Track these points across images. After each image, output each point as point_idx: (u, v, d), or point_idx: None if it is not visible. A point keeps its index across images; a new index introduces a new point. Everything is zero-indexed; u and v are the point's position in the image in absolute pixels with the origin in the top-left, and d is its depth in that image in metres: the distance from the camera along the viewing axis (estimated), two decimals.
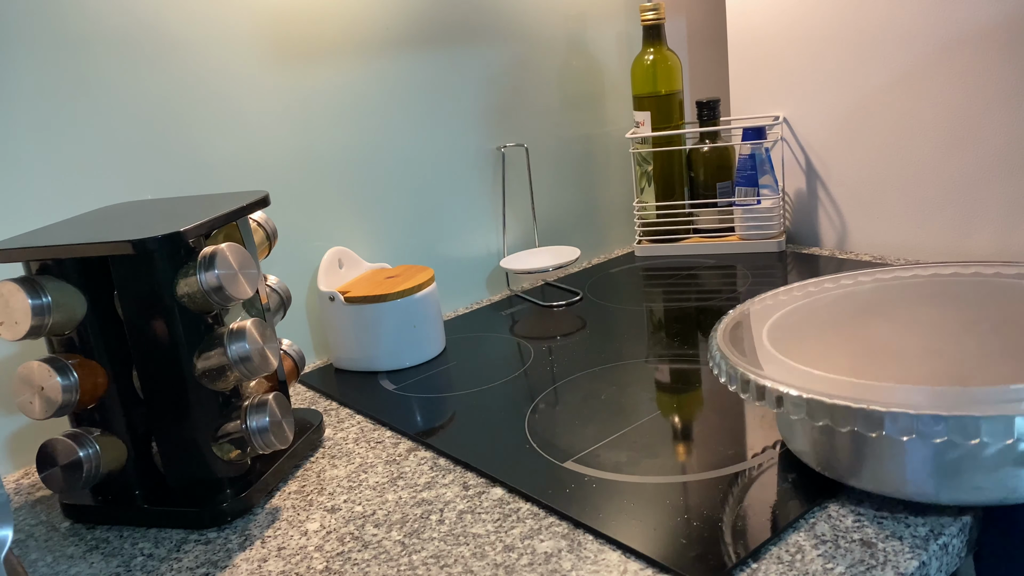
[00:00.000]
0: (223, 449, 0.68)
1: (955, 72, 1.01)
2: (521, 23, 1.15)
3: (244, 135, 0.92)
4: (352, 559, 0.61)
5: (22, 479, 0.81)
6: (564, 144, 1.23)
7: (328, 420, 0.85)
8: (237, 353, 0.65)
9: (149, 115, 0.85)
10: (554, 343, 0.96)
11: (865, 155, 1.11)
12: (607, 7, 1.25)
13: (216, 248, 0.65)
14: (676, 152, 1.24)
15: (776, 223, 1.18)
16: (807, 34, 1.14)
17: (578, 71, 1.23)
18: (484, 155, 1.14)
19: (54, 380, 0.65)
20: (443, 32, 1.07)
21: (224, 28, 0.89)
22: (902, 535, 0.55)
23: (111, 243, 0.63)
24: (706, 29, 1.41)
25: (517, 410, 0.80)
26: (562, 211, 1.25)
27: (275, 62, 0.93)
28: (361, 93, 1.00)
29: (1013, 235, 1.00)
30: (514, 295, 1.16)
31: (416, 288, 0.93)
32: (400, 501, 0.68)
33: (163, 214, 0.71)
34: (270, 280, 0.80)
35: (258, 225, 0.79)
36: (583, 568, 0.56)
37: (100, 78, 0.82)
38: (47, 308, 0.65)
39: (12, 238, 0.69)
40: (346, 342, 0.94)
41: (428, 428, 0.79)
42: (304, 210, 0.98)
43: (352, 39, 0.99)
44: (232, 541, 0.66)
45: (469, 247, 1.15)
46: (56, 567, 0.65)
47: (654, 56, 1.20)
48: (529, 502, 0.65)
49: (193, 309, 0.66)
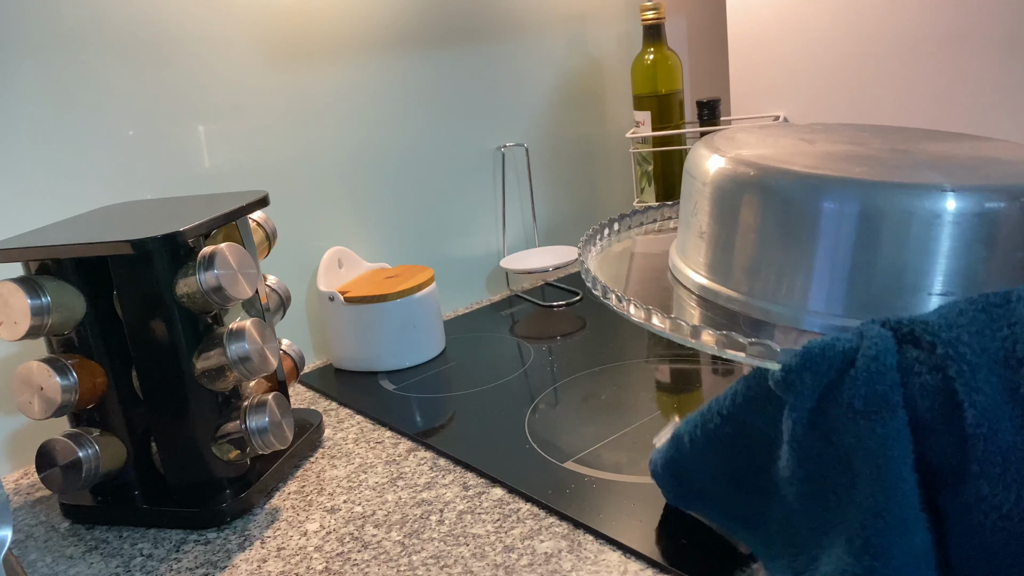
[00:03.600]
0: (223, 449, 0.68)
1: (957, 72, 1.00)
2: (521, 23, 1.15)
3: (244, 135, 0.92)
4: (352, 559, 0.61)
5: (22, 479, 0.81)
6: (564, 144, 1.23)
7: (328, 420, 0.85)
8: (237, 353, 0.65)
9: (149, 115, 0.85)
10: (554, 343, 0.96)
11: None
12: (607, 7, 1.25)
13: (215, 248, 0.65)
14: (676, 152, 1.24)
15: None
16: (807, 34, 1.14)
17: (578, 71, 1.23)
18: (484, 155, 1.14)
19: (53, 380, 0.65)
20: (443, 32, 1.07)
21: (224, 28, 0.89)
22: None
23: (110, 243, 0.63)
24: (706, 29, 1.41)
25: (517, 410, 0.80)
26: (562, 211, 1.25)
27: (275, 62, 0.93)
28: (361, 93, 1.00)
29: None
30: (514, 295, 1.16)
31: (416, 288, 0.93)
32: (400, 501, 0.68)
33: (163, 214, 0.71)
34: (270, 280, 0.80)
35: (258, 225, 0.79)
36: (583, 568, 0.56)
37: (100, 78, 0.82)
38: (46, 308, 0.64)
39: (12, 238, 0.69)
40: (346, 342, 0.94)
41: (428, 428, 0.79)
42: (304, 210, 0.98)
43: (352, 39, 0.99)
44: (232, 541, 0.66)
45: (469, 247, 1.14)
46: (56, 567, 0.65)
47: (654, 56, 1.20)
48: (529, 502, 0.65)
49: (192, 309, 0.66)
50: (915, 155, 0.52)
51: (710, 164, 0.53)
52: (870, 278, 0.47)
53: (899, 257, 0.47)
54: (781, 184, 0.48)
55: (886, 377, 0.40)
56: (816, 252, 0.48)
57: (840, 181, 0.47)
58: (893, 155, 0.52)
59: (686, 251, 0.57)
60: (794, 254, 0.48)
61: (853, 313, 0.48)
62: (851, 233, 0.47)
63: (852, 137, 0.58)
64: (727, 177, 0.51)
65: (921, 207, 0.46)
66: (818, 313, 0.49)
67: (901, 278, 0.47)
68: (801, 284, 0.49)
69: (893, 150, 0.54)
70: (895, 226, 0.47)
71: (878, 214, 0.46)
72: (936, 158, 0.52)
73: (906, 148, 0.54)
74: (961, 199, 0.46)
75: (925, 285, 0.47)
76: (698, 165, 0.55)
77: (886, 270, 0.47)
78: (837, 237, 0.47)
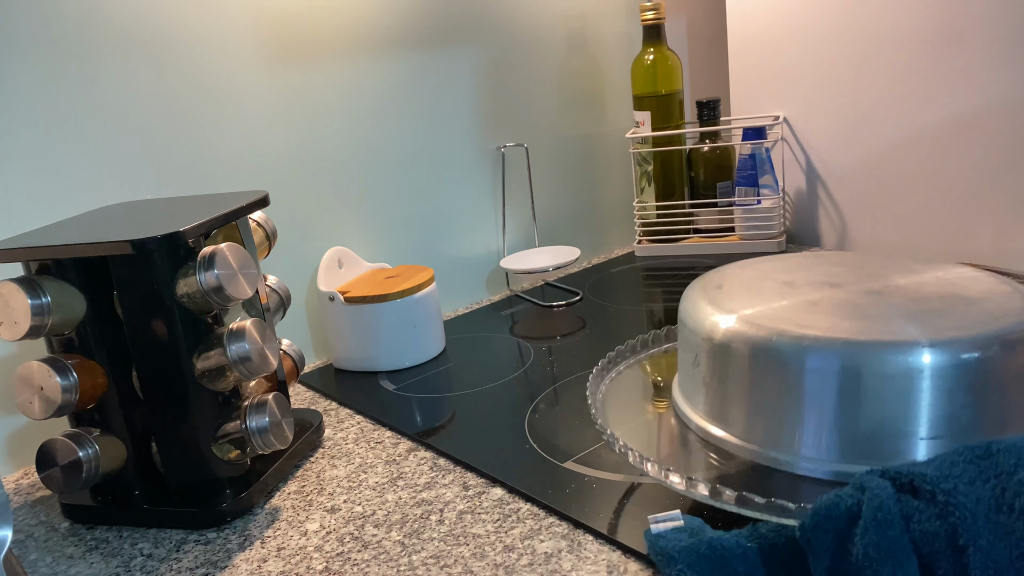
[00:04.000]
0: (223, 449, 0.68)
1: (955, 72, 1.00)
2: (521, 23, 1.15)
3: (244, 135, 0.92)
4: (352, 559, 0.61)
5: (22, 479, 0.81)
6: (564, 144, 1.23)
7: (328, 420, 0.85)
8: (237, 353, 0.65)
9: (149, 115, 0.85)
10: (554, 343, 0.96)
11: (865, 155, 1.11)
12: (607, 7, 1.25)
13: (216, 248, 0.65)
14: (676, 152, 1.24)
15: (776, 223, 1.18)
16: (807, 34, 1.14)
17: (578, 71, 1.23)
18: (484, 155, 1.14)
19: (54, 380, 0.65)
20: (443, 32, 1.07)
21: (224, 28, 0.89)
22: None
23: (111, 243, 0.63)
24: (706, 29, 1.41)
25: (517, 410, 0.80)
26: (562, 211, 1.25)
27: (275, 62, 0.93)
28: (361, 93, 1.00)
29: (1013, 235, 1.00)
30: (514, 295, 1.16)
31: (416, 288, 0.93)
32: (400, 501, 0.68)
33: (163, 214, 0.71)
34: (270, 280, 0.80)
35: (258, 225, 0.79)
36: (583, 568, 0.56)
37: (100, 78, 0.82)
38: (47, 308, 0.64)
39: (12, 238, 0.69)
40: (346, 342, 0.94)
41: (428, 428, 0.79)
42: (304, 210, 0.98)
43: (352, 39, 0.99)
44: (232, 541, 0.66)
45: (469, 247, 1.15)
46: (56, 567, 0.65)
47: (654, 56, 1.20)
48: (529, 502, 0.65)
49: (193, 309, 0.66)
50: (889, 298, 0.57)
51: (706, 323, 0.58)
52: (858, 427, 0.52)
53: (883, 408, 0.51)
54: (771, 345, 0.53)
55: (893, 525, 0.43)
56: (805, 405, 0.52)
57: (824, 341, 0.52)
58: (869, 299, 0.57)
59: (689, 394, 0.62)
60: (786, 407, 0.53)
61: (847, 458, 0.52)
62: (836, 388, 0.51)
63: (828, 274, 0.62)
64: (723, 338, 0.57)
65: (901, 363, 0.50)
66: (812, 459, 0.53)
67: (888, 426, 0.51)
68: (795, 433, 0.53)
69: (868, 292, 0.58)
70: (877, 381, 0.51)
71: (860, 371, 0.51)
72: (909, 300, 0.57)
73: (880, 288, 0.59)
74: (937, 354, 0.50)
75: (913, 431, 0.51)
76: (694, 319, 0.60)
77: (873, 419, 0.51)
78: (824, 392, 0.52)
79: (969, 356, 0.50)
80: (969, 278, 0.61)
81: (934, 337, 0.51)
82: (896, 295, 0.57)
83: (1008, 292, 0.57)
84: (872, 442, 0.52)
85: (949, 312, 0.54)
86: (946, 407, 0.51)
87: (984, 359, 0.50)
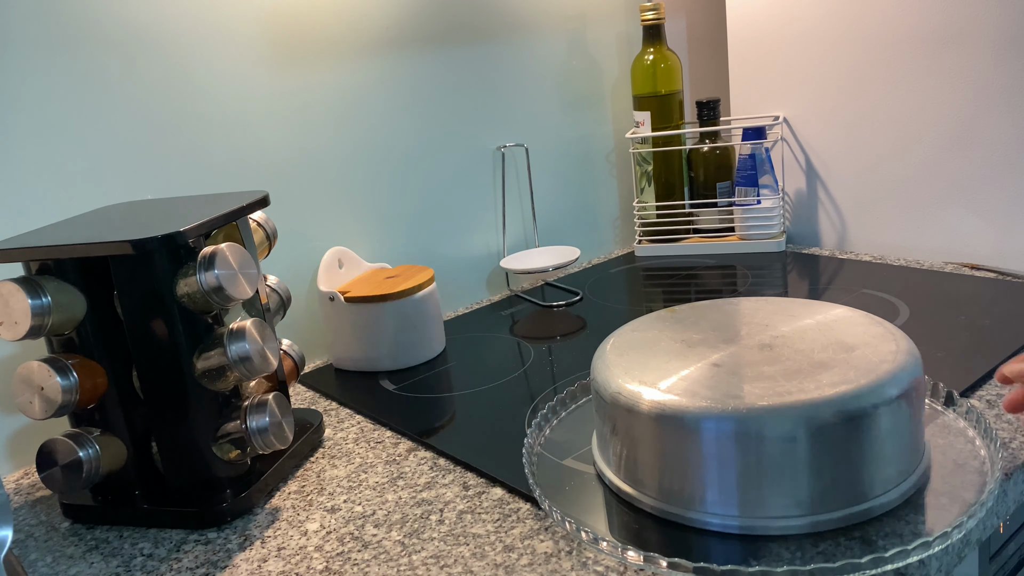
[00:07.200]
0: (223, 449, 0.68)
1: (955, 72, 1.01)
2: (521, 23, 1.15)
3: (244, 135, 0.92)
4: (352, 559, 0.61)
5: (22, 479, 0.81)
6: (564, 144, 1.23)
7: (328, 420, 0.85)
8: (237, 353, 0.65)
9: (149, 115, 0.85)
10: (554, 343, 0.96)
11: (865, 155, 1.11)
12: (607, 7, 1.25)
13: (216, 248, 0.65)
14: (676, 152, 1.24)
15: (776, 223, 1.18)
16: (807, 34, 1.14)
17: (578, 71, 1.23)
18: (484, 155, 1.14)
19: (54, 380, 0.65)
20: (443, 32, 1.07)
21: (224, 28, 0.89)
22: (902, 533, 0.55)
23: (111, 243, 0.63)
24: (706, 29, 1.41)
25: (517, 410, 0.80)
26: (562, 211, 1.25)
27: (275, 62, 0.93)
28: (361, 93, 1.00)
29: (1013, 235, 1.00)
30: (514, 295, 1.16)
31: (416, 288, 0.93)
32: (400, 501, 0.68)
33: (163, 214, 0.71)
34: (270, 280, 0.80)
35: (258, 225, 0.79)
36: (583, 568, 0.56)
37: (100, 78, 0.82)
38: (47, 308, 0.64)
39: (12, 238, 0.69)
40: (346, 342, 0.94)
41: (428, 428, 0.79)
42: (304, 210, 0.98)
43: (352, 39, 0.99)
44: (232, 541, 0.66)
45: (469, 247, 1.15)
46: (56, 567, 0.65)
47: (654, 56, 1.20)
48: (529, 502, 0.65)
49: (193, 309, 0.66)
50: (778, 352, 0.62)
51: (614, 393, 0.62)
52: (757, 485, 0.56)
53: (779, 464, 0.55)
54: (673, 415, 0.58)
55: None
56: (705, 466, 0.57)
57: (717, 412, 0.56)
58: (762, 354, 0.62)
59: (606, 454, 0.65)
60: (690, 468, 0.58)
61: (747, 513, 0.56)
62: (732, 450, 0.56)
63: (722, 332, 0.67)
64: (629, 407, 0.60)
65: (784, 427, 0.55)
66: (718, 515, 0.57)
67: (787, 481, 0.55)
68: (699, 491, 0.58)
69: (761, 346, 0.64)
70: (765, 443, 0.55)
71: (751, 435, 0.55)
72: (796, 352, 0.62)
73: (769, 342, 0.64)
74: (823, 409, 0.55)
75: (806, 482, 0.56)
76: (604, 388, 0.63)
77: (768, 476, 0.55)
78: (720, 454, 0.56)
79: (855, 408, 0.55)
80: (845, 320, 0.66)
81: (819, 396, 0.55)
82: (786, 348, 0.63)
83: (881, 334, 0.63)
84: (770, 498, 0.56)
85: (831, 363, 0.59)
86: (835, 456, 0.55)
87: (867, 408, 0.55)
